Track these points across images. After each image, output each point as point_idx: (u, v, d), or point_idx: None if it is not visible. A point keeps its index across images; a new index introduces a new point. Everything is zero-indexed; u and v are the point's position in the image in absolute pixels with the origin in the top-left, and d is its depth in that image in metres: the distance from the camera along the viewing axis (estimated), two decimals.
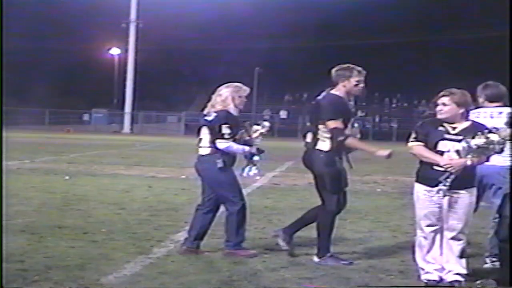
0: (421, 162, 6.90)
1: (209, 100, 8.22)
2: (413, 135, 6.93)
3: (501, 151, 6.66)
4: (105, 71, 73.73)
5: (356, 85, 7.83)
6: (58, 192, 13.45)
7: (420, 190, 6.84)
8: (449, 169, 6.58)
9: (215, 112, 7.97)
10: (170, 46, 69.89)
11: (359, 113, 63.92)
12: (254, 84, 67.11)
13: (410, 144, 6.92)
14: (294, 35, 69.13)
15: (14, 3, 62.86)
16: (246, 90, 8.29)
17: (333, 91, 7.81)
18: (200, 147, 8.12)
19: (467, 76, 25.56)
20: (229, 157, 8.00)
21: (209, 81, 70.83)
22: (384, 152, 7.57)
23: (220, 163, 7.86)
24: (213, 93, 8.23)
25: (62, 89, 74.75)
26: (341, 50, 71.10)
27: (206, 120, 8.04)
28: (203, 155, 8.09)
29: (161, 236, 8.84)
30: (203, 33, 69.77)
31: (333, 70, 7.93)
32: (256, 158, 8.21)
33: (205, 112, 8.15)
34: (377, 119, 63.17)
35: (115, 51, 71.75)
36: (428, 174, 6.78)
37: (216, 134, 7.85)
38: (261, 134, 8.21)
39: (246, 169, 8.26)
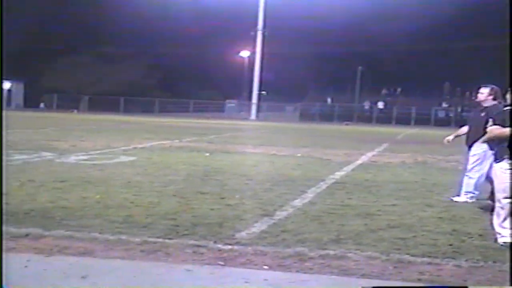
0: (499, 144, 6.66)
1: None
2: (492, 122, 6.71)
3: None
4: (237, 70, 74.69)
5: None
6: (201, 165, 13.69)
7: (499, 168, 6.63)
8: None
9: None
10: (288, 50, 69.95)
11: (444, 104, 62.32)
12: (357, 80, 66.48)
13: (489, 128, 6.70)
14: (389, 41, 68.08)
15: (173, 21, 64.38)
16: None
17: None
18: None
19: None
20: None
21: (321, 77, 70.82)
22: None
23: None
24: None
25: (203, 84, 76.18)
26: (432, 54, 69.65)
27: None
28: None
29: (282, 202, 8.86)
30: (316, 39, 69.54)
31: None
32: None
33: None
34: (459, 109, 61.19)
35: (245, 53, 72.64)
36: (506, 155, 6.55)
37: None
38: None
39: None
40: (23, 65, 69.95)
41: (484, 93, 9.59)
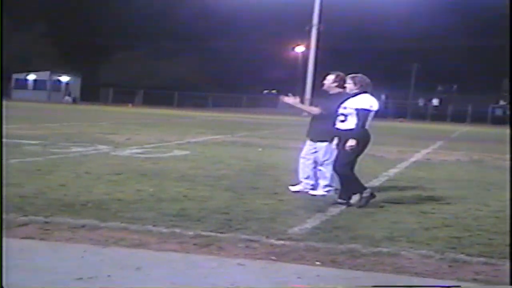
0: None
1: None
2: None
3: None
4: (291, 64, 74.58)
5: None
6: (253, 160, 13.72)
7: None
8: None
9: None
10: (342, 45, 69.50)
11: (501, 102, 61.01)
12: (412, 77, 65.66)
13: None
14: (445, 37, 67.03)
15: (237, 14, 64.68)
16: None
17: None
18: None
19: None
20: None
21: (375, 73, 70.15)
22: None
23: None
24: None
25: (256, 79, 76.32)
26: (490, 50, 68.27)
27: None
28: None
29: (334, 198, 8.81)
30: (371, 35, 68.92)
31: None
32: None
33: None
34: None
35: (299, 49, 72.51)
36: None
37: None
38: None
39: None
40: (81, 60, 71.30)
41: (329, 79, 9.08)
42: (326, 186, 9.18)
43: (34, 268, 4.87)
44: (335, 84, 9.01)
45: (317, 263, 5.39)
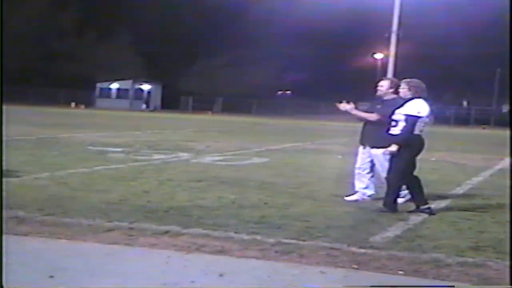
0: None
1: None
2: None
3: None
4: (369, 72, 73.98)
5: None
6: (333, 168, 13.63)
7: None
8: None
9: None
10: (423, 51, 68.39)
11: None
12: (496, 82, 63.93)
13: None
14: None
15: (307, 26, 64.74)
16: None
17: None
18: None
19: None
20: None
21: (457, 79, 68.62)
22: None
23: None
24: None
25: (337, 86, 76.05)
26: None
27: None
28: None
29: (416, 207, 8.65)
30: (452, 40, 67.57)
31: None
32: None
33: None
34: None
35: (378, 55, 71.85)
36: None
37: None
38: None
39: None
40: (162, 68, 72.78)
41: (384, 85, 9.04)
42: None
43: (121, 274, 4.98)
44: (391, 90, 9.03)
45: (400, 272, 5.31)
